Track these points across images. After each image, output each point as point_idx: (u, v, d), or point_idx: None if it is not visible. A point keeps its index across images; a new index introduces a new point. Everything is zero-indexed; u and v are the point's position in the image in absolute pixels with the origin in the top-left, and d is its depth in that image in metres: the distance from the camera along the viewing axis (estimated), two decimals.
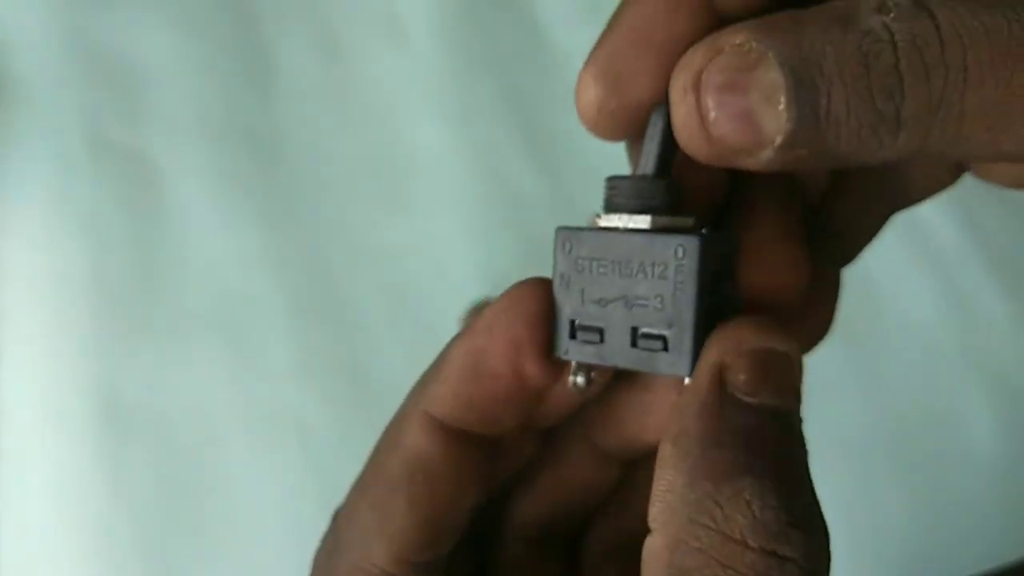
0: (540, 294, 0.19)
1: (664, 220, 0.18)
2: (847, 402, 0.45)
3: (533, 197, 0.49)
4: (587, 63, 0.18)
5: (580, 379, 0.19)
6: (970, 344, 0.47)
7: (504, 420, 0.20)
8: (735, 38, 0.16)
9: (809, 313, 0.20)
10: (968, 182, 0.22)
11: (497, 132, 0.51)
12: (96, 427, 0.43)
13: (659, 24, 0.18)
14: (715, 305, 0.18)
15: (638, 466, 0.23)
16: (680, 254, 0.18)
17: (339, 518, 0.22)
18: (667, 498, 0.16)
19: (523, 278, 0.20)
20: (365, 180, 0.50)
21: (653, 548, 0.16)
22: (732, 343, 0.17)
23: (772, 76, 0.15)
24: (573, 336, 0.19)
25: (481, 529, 0.22)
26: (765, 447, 0.16)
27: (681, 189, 0.19)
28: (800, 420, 0.17)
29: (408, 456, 0.20)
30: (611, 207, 0.19)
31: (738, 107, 0.16)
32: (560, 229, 0.19)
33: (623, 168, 0.20)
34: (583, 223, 0.20)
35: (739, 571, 0.15)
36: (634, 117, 0.18)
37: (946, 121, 0.15)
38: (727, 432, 0.16)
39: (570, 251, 0.19)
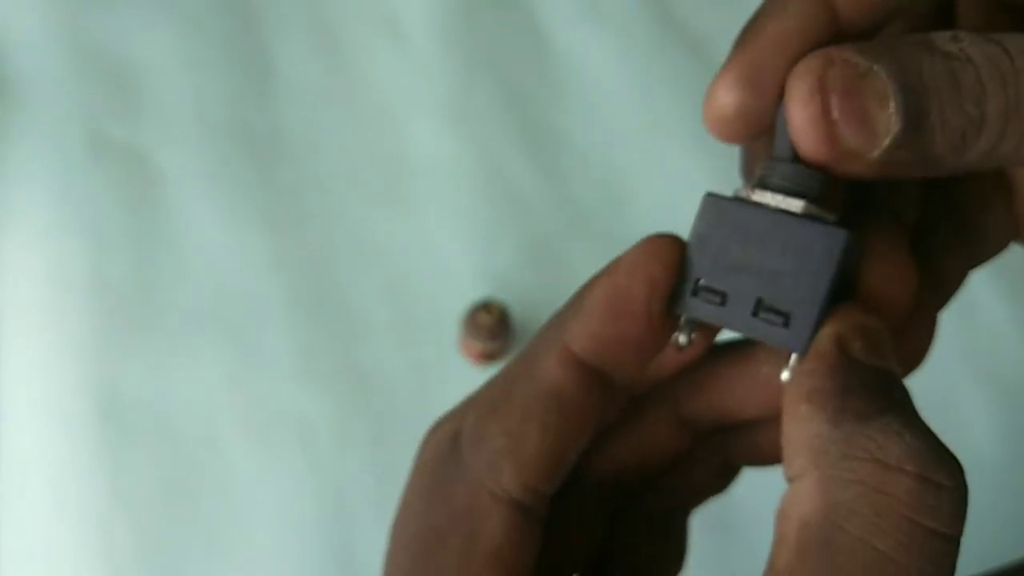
0: (676, 247, 0.20)
1: (815, 209, 0.19)
2: None
3: (533, 197, 0.49)
4: (725, 69, 0.20)
5: (683, 338, 0.21)
6: (971, 345, 0.47)
7: (628, 366, 0.21)
8: (843, 54, 0.18)
9: (908, 337, 0.22)
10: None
11: (497, 132, 0.51)
12: (96, 427, 0.43)
13: (798, 35, 0.19)
14: (835, 297, 0.19)
15: (706, 439, 0.24)
16: (826, 243, 0.19)
17: (463, 439, 0.22)
18: (813, 443, 0.17)
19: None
20: (365, 180, 0.50)
21: (801, 491, 0.17)
22: (846, 319, 0.19)
23: (881, 83, 0.18)
24: (695, 295, 0.20)
25: None
26: (893, 394, 0.18)
27: (831, 186, 0.20)
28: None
29: (545, 387, 0.21)
30: (765, 185, 0.20)
31: (857, 109, 0.18)
32: (709, 194, 0.20)
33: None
34: (583, 223, 0.20)
35: (897, 496, 0.16)
36: (761, 120, 0.20)
37: (1020, 121, 0.18)
38: (858, 385, 0.18)
39: (714, 215, 0.20)
